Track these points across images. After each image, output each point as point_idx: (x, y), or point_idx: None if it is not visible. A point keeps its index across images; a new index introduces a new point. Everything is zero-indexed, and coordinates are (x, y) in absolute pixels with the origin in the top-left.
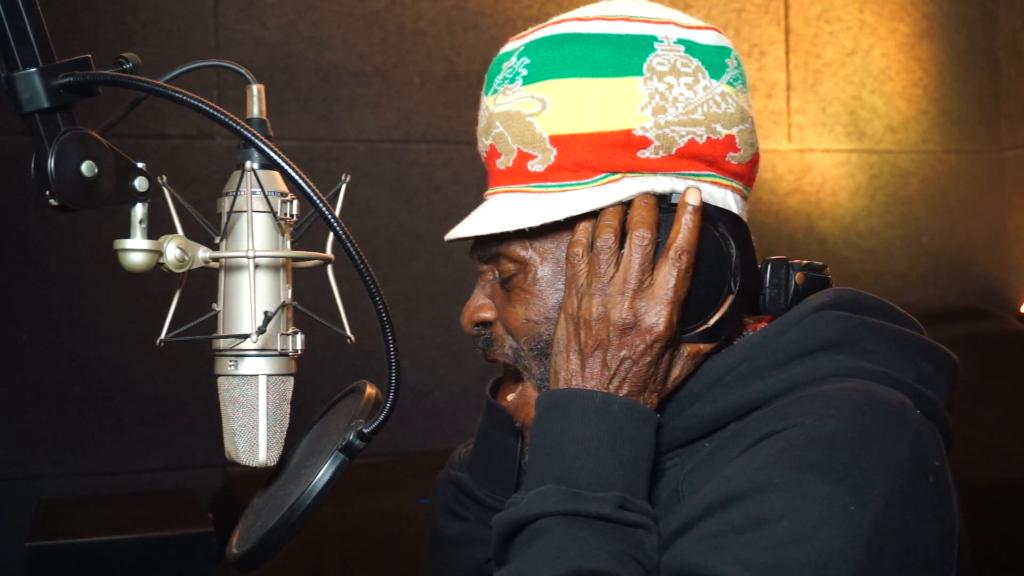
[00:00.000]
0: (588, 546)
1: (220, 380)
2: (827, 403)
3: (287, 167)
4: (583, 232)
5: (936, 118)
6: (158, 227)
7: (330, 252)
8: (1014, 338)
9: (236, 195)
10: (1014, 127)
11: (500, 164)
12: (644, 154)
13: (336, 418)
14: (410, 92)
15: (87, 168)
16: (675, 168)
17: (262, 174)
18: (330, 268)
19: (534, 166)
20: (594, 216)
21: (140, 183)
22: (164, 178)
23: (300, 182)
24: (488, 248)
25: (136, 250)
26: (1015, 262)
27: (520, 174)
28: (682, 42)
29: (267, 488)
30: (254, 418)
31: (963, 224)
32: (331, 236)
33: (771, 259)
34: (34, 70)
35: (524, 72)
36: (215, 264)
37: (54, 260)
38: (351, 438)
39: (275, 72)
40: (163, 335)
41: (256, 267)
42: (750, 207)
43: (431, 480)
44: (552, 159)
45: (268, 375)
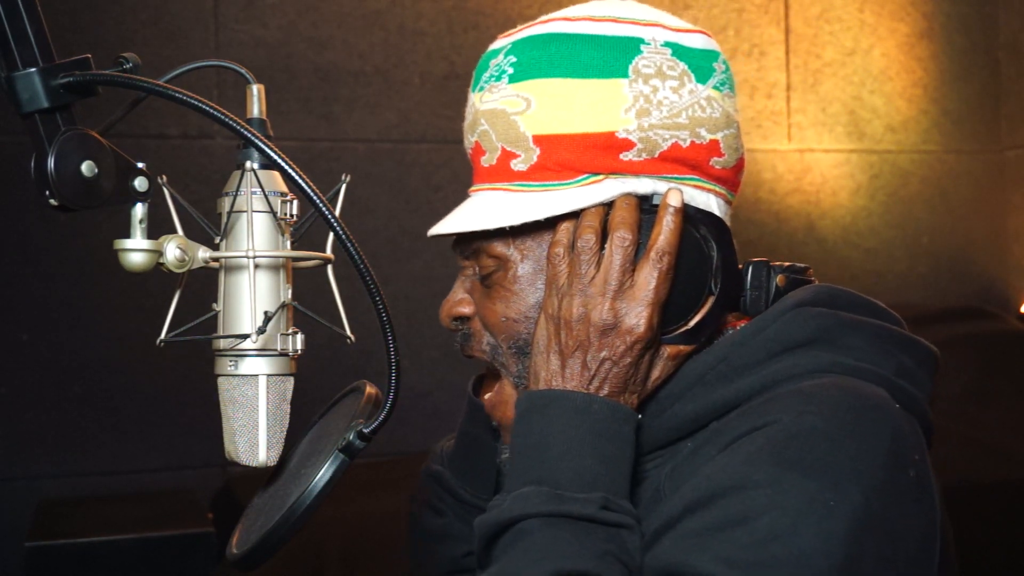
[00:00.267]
0: (571, 547)
1: (220, 380)
2: (806, 399)
3: (287, 167)
4: (564, 232)
5: (936, 118)
6: (158, 227)
7: (330, 252)
8: (1014, 338)
9: (236, 195)
10: (1014, 127)
11: (484, 161)
12: (627, 156)
13: (336, 418)
14: (410, 92)
15: (87, 168)
16: (658, 171)
17: (262, 174)
18: (330, 268)
19: (517, 165)
20: (576, 216)
21: (140, 183)
22: (164, 178)
23: (300, 182)
24: (469, 244)
25: (136, 250)
26: (1015, 262)
27: (503, 172)
28: (669, 45)
29: (267, 488)
30: (254, 418)
31: (963, 224)
32: (331, 236)
33: (752, 261)
34: (34, 70)
35: (510, 70)
36: (215, 264)
37: (54, 260)
38: (351, 438)
39: (275, 72)
40: (163, 335)
41: (256, 267)
42: (750, 207)
43: None
44: (535, 158)
45: (268, 375)
